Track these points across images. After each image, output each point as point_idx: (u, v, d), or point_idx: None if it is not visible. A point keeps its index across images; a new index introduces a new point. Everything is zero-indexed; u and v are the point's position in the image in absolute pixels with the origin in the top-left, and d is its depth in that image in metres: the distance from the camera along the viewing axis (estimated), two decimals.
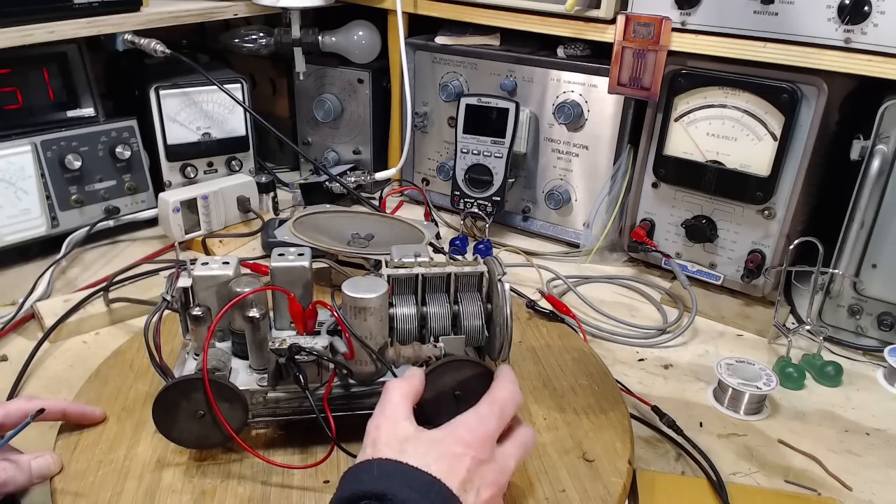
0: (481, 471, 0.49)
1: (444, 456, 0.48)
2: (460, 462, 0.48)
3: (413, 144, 1.22)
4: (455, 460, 0.48)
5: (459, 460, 0.48)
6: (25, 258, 1.01)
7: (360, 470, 0.48)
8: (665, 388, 0.79)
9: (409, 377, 0.55)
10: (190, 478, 0.58)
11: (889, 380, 0.82)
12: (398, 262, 0.63)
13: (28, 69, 1.00)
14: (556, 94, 1.05)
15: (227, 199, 1.09)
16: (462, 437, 0.50)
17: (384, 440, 0.50)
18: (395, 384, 0.54)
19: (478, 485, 0.48)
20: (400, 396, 0.53)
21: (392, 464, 0.47)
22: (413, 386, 0.54)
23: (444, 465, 0.47)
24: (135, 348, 0.74)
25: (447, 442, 0.49)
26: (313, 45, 1.18)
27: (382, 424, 0.51)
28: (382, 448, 0.49)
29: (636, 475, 0.63)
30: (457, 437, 0.50)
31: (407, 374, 0.56)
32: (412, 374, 0.56)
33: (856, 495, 0.65)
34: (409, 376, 0.56)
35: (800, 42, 0.81)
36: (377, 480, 0.46)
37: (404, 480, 0.46)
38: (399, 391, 0.53)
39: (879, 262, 0.84)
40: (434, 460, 0.47)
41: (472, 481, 0.48)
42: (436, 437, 0.50)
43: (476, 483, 0.48)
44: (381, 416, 0.52)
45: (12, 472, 0.56)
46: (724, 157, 0.91)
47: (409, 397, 0.53)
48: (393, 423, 0.51)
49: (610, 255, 1.07)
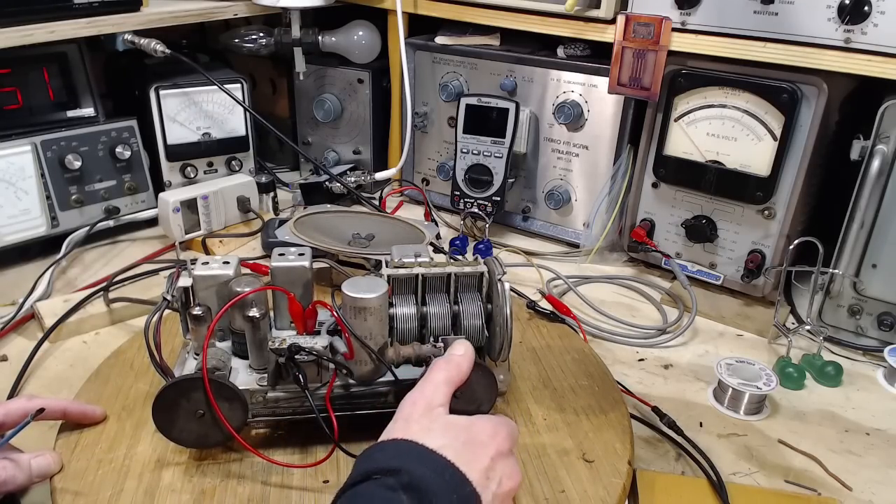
0: (503, 462, 0.50)
1: (470, 443, 0.49)
2: (485, 450, 0.49)
3: (413, 144, 1.22)
4: (480, 448, 0.49)
5: (484, 448, 0.49)
6: (25, 258, 1.01)
7: (375, 450, 0.48)
8: (665, 388, 0.79)
9: (459, 361, 0.55)
10: (190, 477, 0.58)
11: (889, 380, 0.82)
12: (398, 262, 0.63)
13: (28, 69, 1.00)
14: (556, 94, 1.05)
15: (227, 199, 1.09)
16: (487, 428, 0.51)
17: (416, 417, 0.50)
18: (442, 365, 0.54)
19: (500, 475, 0.49)
20: (443, 380, 0.53)
21: (408, 444, 0.48)
22: (461, 373, 0.55)
23: (469, 452, 0.48)
24: (135, 348, 0.74)
25: (474, 430, 0.50)
26: (313, 45, 1.18)
27: (419, 401, 0.51)
28: (413, 426, 0.49)
29: (636, 475, 0.63)
30: (482, 426, 0.51)
31: (456, 356, 0.56)
32: (462, 359, 0.56)
33: (856, 495, 0.65)
34: (459, 359, 0.55)
35: (800, 42, 0.81)
36: (391, 458, 0.47)
37: (420, 459, 0.46)
38: (445, 374, 0.54)
39: (879, 262, 0.84)
40: (461, 445, 0.48)
41: (494, 469, 0.48)
42: (463, 423, 0.51)
43: (498, 472, 0.49)
44: (419, 393, 0.52)
45: (12, 472, 0.56)
46: (724, 157, 0.91)
47: (452, 383, 0.54)
48: (428, 404, 0.51)
49: (610, 255, 1.07)
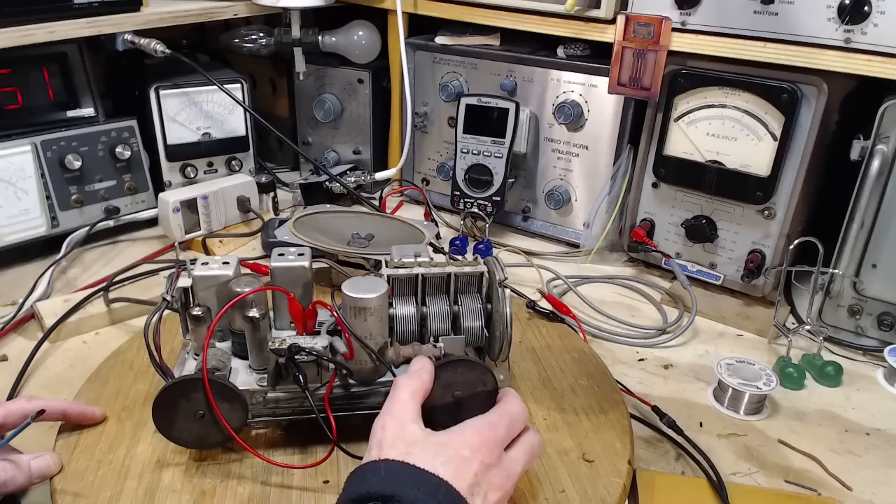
0: (489, 475, 0.48)
1: (452, 459, 0.48)
2: (468, 466, 0.48)
3: (413, 144, 1.22)
4: (463, 464, 0.48)
5: (467, 464, 0.48)
6: (25, 258, 1.01)
7: (367, 470, 0.47)
8: (665, 388, 0.79)
9: (419, 372, 0.55)
10: (189, 478, 0.58)
11: (889, 380, 0.82)
12: (398, 262, 0.63)
13: (28, 69, 1.00)
14: (556, 94, 1.05)
15: (227, 199, 1.09)
16: (470, 440, 0.49)
17: (390, 441, 0.49)
18: (404, 382, 0.54)
19: (485, 489, 0.48)
20: (409, 395, 0.52)
21: (399, 465, 0.47)
22: (423, 383, 0.54)
23: (452, 468, 0.47)
24: (135, 348, 0.74)
25: (455, 445, 0.49)
26: (313, 45, 1.18)
27: (389, 424, 0.50)
28: (388, 450, 0.48)
29: (636, 475, 0.63)
30: (465, 440, 0.49)
31: (416, 369, 0.55)
32: (421, 369, 0.55)
33: (856, 495, 0.65)
34: (419, 371, 0.55)
35: (800, 42, 0.81)
36: (384, 481, 0.46)
37: (412, 482, 0.46)
38: (408, 389, 0.53)
39: (879, 262, 0.84)
40: (441, 464, 0.47)
41: (479, 485, 0.47)
42: (443, 440, 0.49)
43: (483, 487, 0.48)
44: (388, 416, 0.51)
45: (12, 472, 0.56)
46: (724, 157, 0.91)
47: (418, 395, 0.53)
48: (400, 424, 0.50)
49: (610, 255, 1.07)
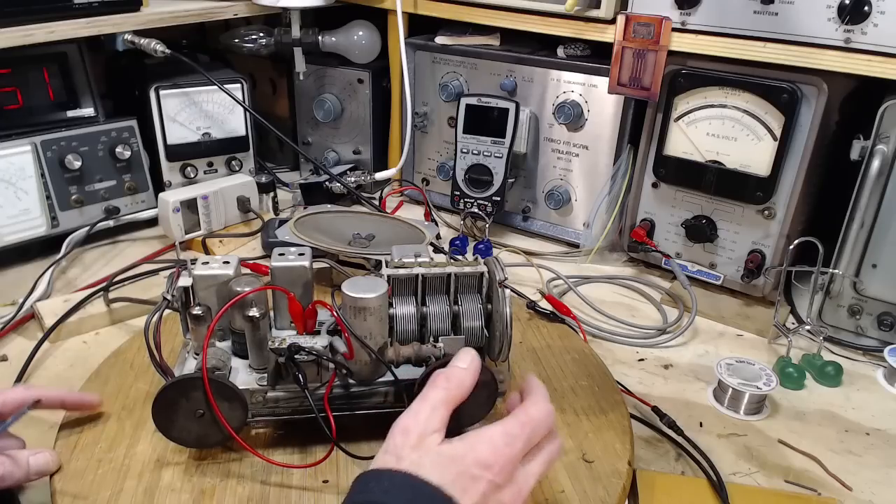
0: (497, 494, 0.47)
1: (461, 476, 0.47)
2: (475, 485, 0.47)
3: (413, 144, 1.22)
4: (471, 482, 0.47)
5: (475, 483, 0.47)
6: (25, 258, 1.01)
7: (371, 478, 0.47)
8: (665, 388, 0.79)
9: (461, 380, 0.52)
10: (189, 477, 0.58)
11: (889, 380, 0.82)
12: (398, 262, 0.63)
13: (28, 69, 1.00)
14: (556, 94, 1.05)
15: (227, 199, 1.09)
16: (483, 457, 0.48)
17: (409, 447, 0.48)
18: (441, 383, 0.52)
19: None
20: (441, 401, 0.50)
21: (405, 477, 0.46)
22: (462, 391, 0.52)
23: (459, 486, 0.46)
24: (135, 348, 0.74)
25: (467, 461, 0.47)
26: (313, 45, 1.18)
27: (412, 430, 0.49)
28: (402, 458, 0.47)
29: (636, 475, 0.63)
30: (477, 456, 0.48)
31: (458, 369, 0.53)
32: (465, 374, 0.53)
33: (856, 495, 0.65)
34: (462, 378, 0.52)
35: (800, 42, 0.81)
36: (384, 493, 0.45)
37: (410, 497, 0.45)
38: (444, 393, 0.51)
39: (879, 262, 0.84)
40: (450, 480, 0.46)
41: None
42: (458, 452, 0.48)
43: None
44: (413, 419, 0.49)
45: (10, 468, 0.55)
46: (724, 157, 0.91)
47: (451, 405, 0.51)
48: (422, 433, 0.49)
49: (610, 255, 1.07)
